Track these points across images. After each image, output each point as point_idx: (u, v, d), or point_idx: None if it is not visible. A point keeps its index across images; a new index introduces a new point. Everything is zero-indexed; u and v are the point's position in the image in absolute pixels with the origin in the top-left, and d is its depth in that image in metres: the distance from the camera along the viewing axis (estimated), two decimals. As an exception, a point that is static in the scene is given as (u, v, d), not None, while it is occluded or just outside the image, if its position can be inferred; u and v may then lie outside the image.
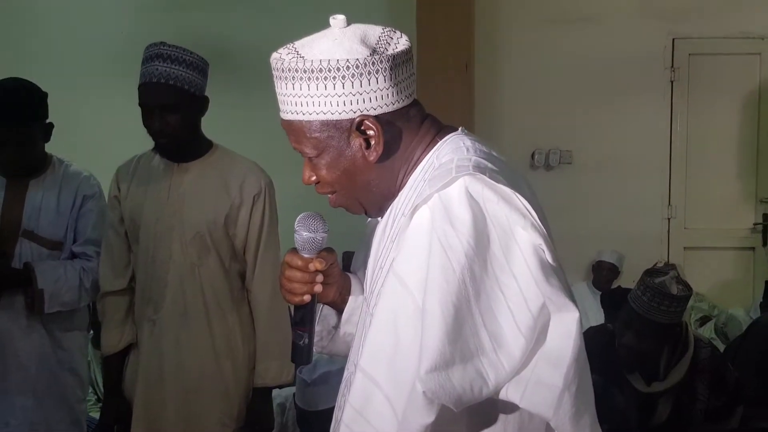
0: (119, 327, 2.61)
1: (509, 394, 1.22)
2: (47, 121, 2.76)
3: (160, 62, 2.39)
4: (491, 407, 1.27)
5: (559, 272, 1.25)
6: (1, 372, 2.74)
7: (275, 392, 3.02)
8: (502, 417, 1.29)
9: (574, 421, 1.21)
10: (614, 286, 5.17)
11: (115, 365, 2.63)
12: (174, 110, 2.41)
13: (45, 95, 2.75)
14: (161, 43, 2.44)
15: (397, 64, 1.31)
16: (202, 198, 2.52)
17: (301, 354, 1.44)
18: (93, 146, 4.67)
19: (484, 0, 5.39)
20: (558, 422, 1.21)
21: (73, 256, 2.83)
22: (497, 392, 1.21)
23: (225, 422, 2.54)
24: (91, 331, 3.52)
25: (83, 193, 2.83)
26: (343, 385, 1.42)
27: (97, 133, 5.29)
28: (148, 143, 2.56)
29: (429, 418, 1.18)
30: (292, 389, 3.21)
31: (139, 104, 2.45)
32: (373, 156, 1.33)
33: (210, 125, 2.60)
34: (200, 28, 5.10)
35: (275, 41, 1.37)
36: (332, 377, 2.81)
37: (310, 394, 2.93)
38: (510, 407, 1.27)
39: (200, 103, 2.49)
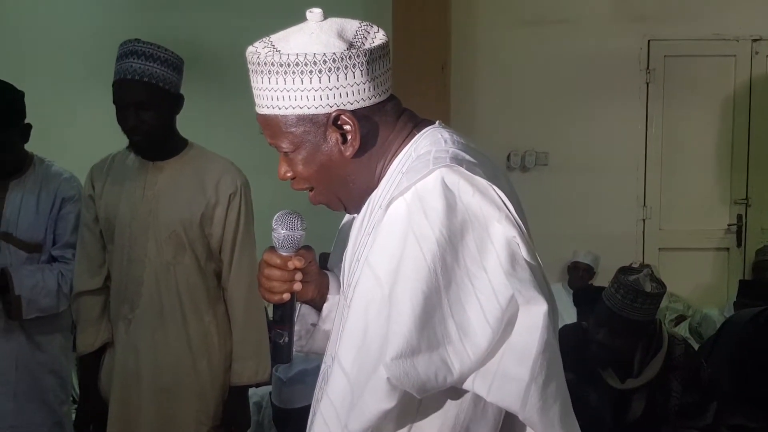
0: (94, 326, 2.59)
1: (477, 387, 1.22)
2: (25, 121, 2.74)
3: (134, 59, 2.38)
4: (445, 394, 1.27)
5: (534, 266, 1.25)
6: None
7: (251, 391, 3.01)
8: (454, 403, 1.29)
9: (542, 414, 1.21)
10: (589, 286, 5.21)
11: (90, 365, 2.61)
12: (149, 107, 2.40)
13: (22, 95, 2.72)
14: (136, 40, 2.43)
15: (374, 58, 1.31)
16: (178, 197, 2.51)
17: (281, 353, 1.43)
18: (67, 145, 4.63)
19: (460, 1, 5.41)
20: (526, 415, 1.21)
21: (53, 259, 2.80)
22: (461, 381, 1.22)
23: (201, 421, 2.54)
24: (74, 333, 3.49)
25: (62, 195, 2.80)
26: (320, 379, 1.43)
27: (71, 132, 5.25)
28: (123, 141, 2.54)
29: (389, 403, 1.19)
30: (269, 388, 3.20)
31: (114, 102, 2.44)
32: (349, 151, 1.33)
33: (185, 124, 2.59)
34: (176, 28, 5.08)
35: (251, 41, 1.36)
36: (308, 375, 2.80)
37: (286, 393, 2.92)
38: (462, 393, 1.27)
39: (175, 101, 2.47)
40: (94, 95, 3.14)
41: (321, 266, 1.53)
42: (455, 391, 1.27)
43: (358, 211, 1.41)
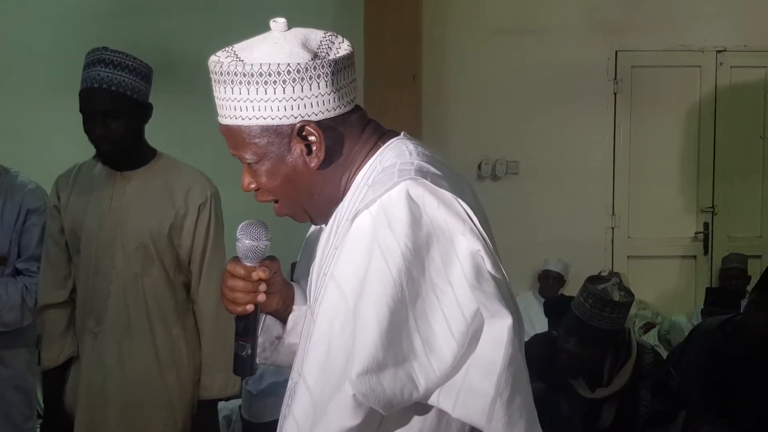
0: (60, 340, 2.54)
1: (441, 402, 1.21)
2: None
3: (102, 67, 2.35)
4: (408, 409, 1.26)
5: (499, 279, 1.24)
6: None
7: (221, 404, 2.98)
8: (417, 419, 1.28)
9: (507, 429, 1.21)
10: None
11: (55, 379, 2.56)
12: (116, 117, 2.36)
13: None
14: (103, 48, 2.40)
15: (339, 69, 1.30)
16: (146, 207, 2.47)
17: (243, 365, 1.40)
18: (34, 155, 4.56)
19: (432, 11, 5.43)
20: (492, 431, 1.21)
21: (17, 272, 2.75)
22: (427, 397, 1.21)
23: (170, 435, 2.50)
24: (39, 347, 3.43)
25: (27, 206, 2.76)
26: (287, 395, 1.41)
27: (38, 142, 5.18)
28: (91, 151, 2.50)
29: (354, 420, 1.18)
30: (238, 401, 3.17)
31: (81, 110, 2.40)
32: (314, 162, 1.32)
33: (155, 133, 2.56)
34: (146, 35, 5.03)
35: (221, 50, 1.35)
36: (279, 389, 2.78)
37: (256, 406, 2.90)
38: (426, 408, 1.27)
39: (143, 110, 2.44)
40: (62, 104, 3.10)
41: (292, 275, 1.51)
42: (418, 406, 1.26)
43: (324, 222, 1.40)
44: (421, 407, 1.26)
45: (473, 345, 1.20)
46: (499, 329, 1.20)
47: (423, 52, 5.24)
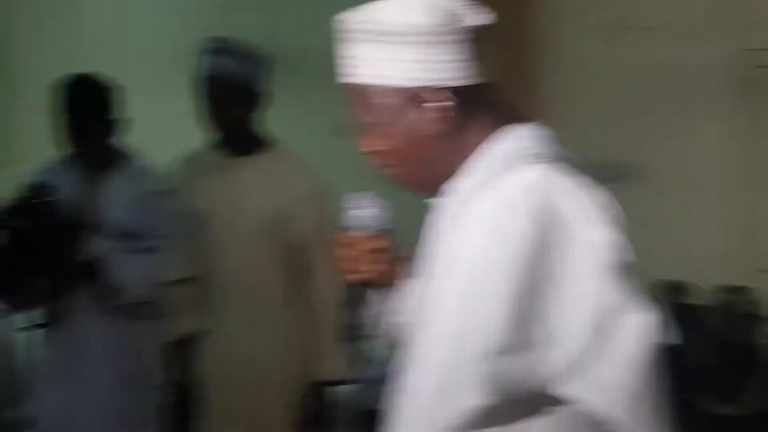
0: (184, 316, 2.63)
1: (578, 393, 1.17)
2: (116, 117, 2.81)
3: (222, 56, 2.45)
4: (543, 400, 1.21)
5: (634, 273, 1.20)
6: (73, 362, 2.77)
7: (333, 389, 3.01)
8: (553, 410, 1.22)
9: (647, 426, 1.17)
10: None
11: (178, 353, 2.66)
12: (234, 104, 2.45)
13: (111, 90, 2.79)
14: (222, 38, 2.49)
15: (474, 38, 1.27)
16: (263, 193, 2.55)
17: (349, 334, 1.44)
18: (155, 139, 4.69)
19: (549, 9, 5.36)
20: (630, 427, 1.17)
21: (144, 249, 2.86)
22: (554, 386, 1.17)
23: (284, 415, 2.55)
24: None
25: (153, 188, 2.86)
26: (399, 372, 1.39)
27: (159, 126, 5.34)
28: (209, 137, 2.58)
29: (479, 401, 1.15)
30: (350, 387, 3.19)
31: (200, 97, 2.50)
32: (435, 129, 1.28)
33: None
34: (253, 29, 5.14)
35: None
36: (390, 376, 2.78)
37: (368, 393, 2.91)
38: (562, 401, 1.21)
39: (260, 98, 2.52)
40: (181, 91, 3.21)
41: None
42: (554, 398, 1.21)
43: (429, 195, 1.36)
44: (557, 399, 1.21)
45: (613, 338, 1.16)
46: (643, 323, 1.16)
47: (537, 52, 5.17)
